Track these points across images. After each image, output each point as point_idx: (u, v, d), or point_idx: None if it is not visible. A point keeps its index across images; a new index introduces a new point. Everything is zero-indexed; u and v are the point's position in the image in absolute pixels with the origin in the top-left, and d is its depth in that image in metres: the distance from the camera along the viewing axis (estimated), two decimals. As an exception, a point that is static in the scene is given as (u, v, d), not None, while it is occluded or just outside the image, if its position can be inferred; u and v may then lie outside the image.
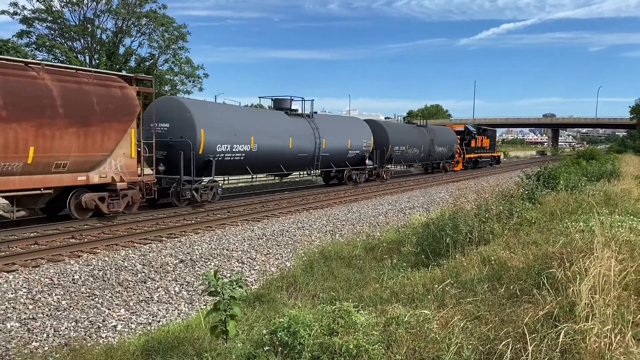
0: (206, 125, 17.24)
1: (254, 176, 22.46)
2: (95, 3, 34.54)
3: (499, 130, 49.89)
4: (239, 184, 26.04)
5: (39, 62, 12.85)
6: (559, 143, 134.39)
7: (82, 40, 35.23)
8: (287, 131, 21.35)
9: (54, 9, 33.56)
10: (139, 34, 36.38)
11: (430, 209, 18.74)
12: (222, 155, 17.95)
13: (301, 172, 23.84)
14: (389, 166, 30.29)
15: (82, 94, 12.98)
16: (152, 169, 16.09)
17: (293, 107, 23.41)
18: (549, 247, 6.47)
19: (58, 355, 6.06)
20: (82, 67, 15.93)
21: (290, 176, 25.45)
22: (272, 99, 23.84)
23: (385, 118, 30.83)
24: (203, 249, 11.70)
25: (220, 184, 18.97)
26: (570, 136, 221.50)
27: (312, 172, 23.98)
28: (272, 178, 26.23)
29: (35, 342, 6.78)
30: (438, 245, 8.99)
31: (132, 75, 15.61)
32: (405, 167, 35.82)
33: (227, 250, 11.81)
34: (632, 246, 6.25)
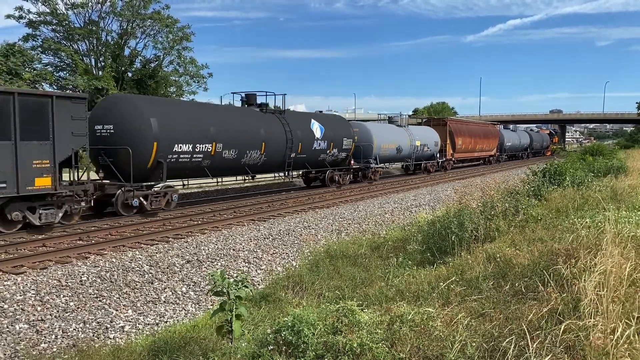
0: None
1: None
2: (99, 5, 34.67)
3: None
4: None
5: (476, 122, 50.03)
6: (567, 139, 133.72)
7: (87, 43, 35.38)
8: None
9: (58, 12, 33.71)
10: (143, 35, 36.48)
11: (436, 207, 18.72)
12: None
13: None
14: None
15: (487, 131, 45.95)
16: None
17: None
18: (554, 243, 6.44)
19: (66, 356, 6.12)
20: (477, 121, 47.53)
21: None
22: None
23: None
24: (210, 249, 11.75)
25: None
26: (578, 132, 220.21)
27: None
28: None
29: (44, 343, 6.84)
30: (444, 243, 8.97)
31: (491, 122, 49.87)
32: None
33: (233, 250, 11.85)
34: (638, 242, 6.22)
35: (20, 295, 8.35)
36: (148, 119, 14.98)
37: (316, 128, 22.92)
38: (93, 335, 7.12)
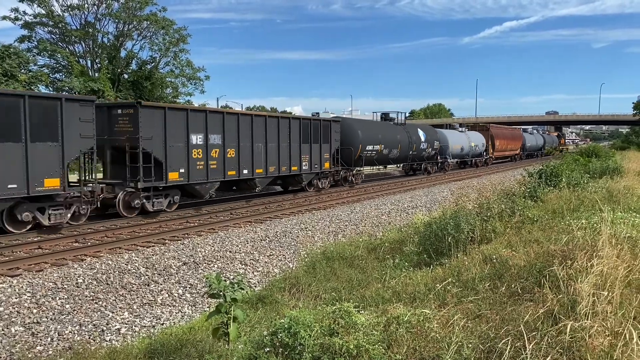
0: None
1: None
2: (96, 7, 34.61)
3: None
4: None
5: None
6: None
7: (83, 44, 35.30)
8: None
9: (54, 14, 33.63)
10: (140, 37, 36.41)
11: (432, 208, 18.73)
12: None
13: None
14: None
15: (514, 134, 57.35)
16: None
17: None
18: (550, 245, 6.45)
19: (62, 358, 6.10)
20: (506, 126, 57.89)
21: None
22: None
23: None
24: (206, 251, 11.73)
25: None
26: (574, 133, 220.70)
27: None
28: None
29: (40, 346, 6.82)
30: (440, 244, 8.97)
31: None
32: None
33: (230, 252, 11.84)
34: (633, 243, 6.24)
35: (16, 298, 8.32)
36: (357, 131, 26.00)
37: (421, 134, 33.48)
38: (89, 338, 7.09)
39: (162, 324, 7.78)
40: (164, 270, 10.22)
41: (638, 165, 25.01)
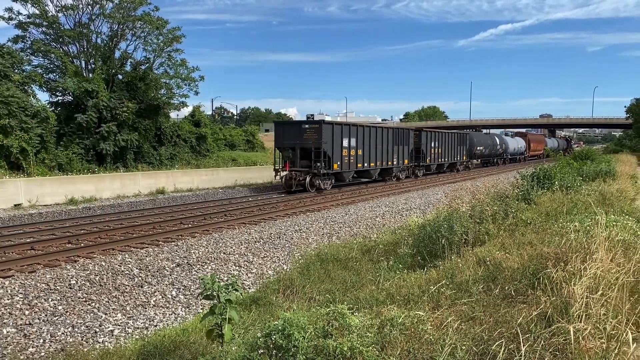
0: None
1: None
2: (90, 7, 34.46)
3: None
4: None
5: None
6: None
7: (77, 45, 35.11)
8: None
9: (49, 14, 33.45)
10: (134, 37, 36.25)
11: (427, 210, 18.77)
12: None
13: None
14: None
15: (540, 138, 79.74)
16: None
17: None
18: (544, 247, 6.47)
19: (54, 360, 6.06)
20: (536, 134, 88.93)
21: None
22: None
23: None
24: (200, 253, 11.70)
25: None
26: (567, 136, 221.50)
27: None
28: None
29: (32, 347, 6.78)
30: (434, 246, 8.98)
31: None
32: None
33: (224, 253, 11.81)
34: (626, 246, 6.26)
35: (8, 299, 8.27)
36: (474, 139, 46.39)
37: (497, 139, 53.11)
38: (82, 339, 7.06)
39: (156, 326, 7.75)
40: (157, 271, 10.19)
41: (631, 169, 25.18)
